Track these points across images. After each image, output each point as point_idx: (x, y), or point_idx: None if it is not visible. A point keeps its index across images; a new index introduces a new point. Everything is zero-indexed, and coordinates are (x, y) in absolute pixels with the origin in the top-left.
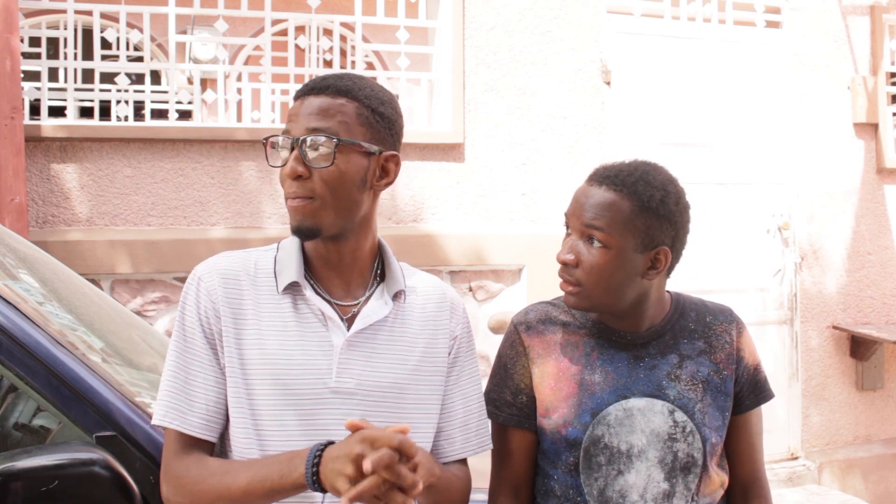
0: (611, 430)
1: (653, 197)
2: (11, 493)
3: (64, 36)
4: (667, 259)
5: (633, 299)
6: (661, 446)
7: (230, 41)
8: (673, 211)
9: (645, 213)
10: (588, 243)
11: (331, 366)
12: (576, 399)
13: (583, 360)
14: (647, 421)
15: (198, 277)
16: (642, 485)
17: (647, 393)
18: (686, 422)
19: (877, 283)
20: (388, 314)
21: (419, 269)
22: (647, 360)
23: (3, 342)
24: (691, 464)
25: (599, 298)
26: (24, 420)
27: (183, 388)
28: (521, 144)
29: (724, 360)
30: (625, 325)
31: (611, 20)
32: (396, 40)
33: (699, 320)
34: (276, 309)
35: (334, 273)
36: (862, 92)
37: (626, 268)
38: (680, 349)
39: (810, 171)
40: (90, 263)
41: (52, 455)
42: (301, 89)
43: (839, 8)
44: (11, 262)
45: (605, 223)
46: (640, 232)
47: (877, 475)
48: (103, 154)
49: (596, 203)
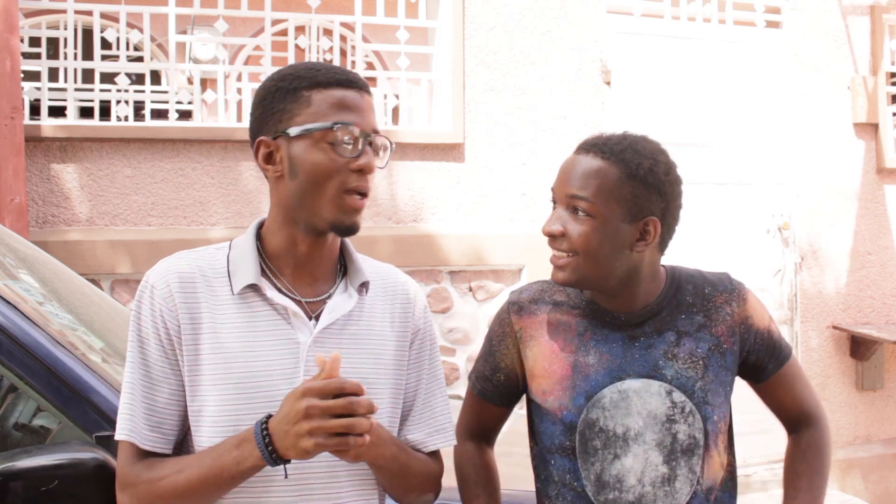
0: (606, 412)
1: (641, 165)
2: (11, 493)
3: (64, 36)
4: (656, 230)
5: (623, 274)
6: (658, 428)
7: (230, 41)
8: (662, 181)
9: (632, 181)
10: (573, 214)
11: (297, 364)
12: (570, 382)
13: (576, 342)
14: (644, 403)
15: (150, 285)
16: (640, 468)
17: (642, 374)
18: (685, 402)
19: (877, 283)
20: (354, 307)
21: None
22: (642, 339)
23: (3, 342)
24: (693, 445)
25: (588, 272)
26: (24, 420)
27: (139, 402)
28: (521, 144)
29: (726, 333)
30: (618, 305)
31: (611, 20)
32: (396, 40)
33: (697, 293)
34: (233, 311)
35: (307, 269)
36: (862, 92)
37: (613, 239)
38: (677, 326)
39: (810, 171)
40: (90, 263)
41: (52, 455)
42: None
43: (839, 8)
44: (11, 262)
45: (590, 192)
46: (627, 201)
47: (877, 475)
48: (103, 154)
49: (582, 171)
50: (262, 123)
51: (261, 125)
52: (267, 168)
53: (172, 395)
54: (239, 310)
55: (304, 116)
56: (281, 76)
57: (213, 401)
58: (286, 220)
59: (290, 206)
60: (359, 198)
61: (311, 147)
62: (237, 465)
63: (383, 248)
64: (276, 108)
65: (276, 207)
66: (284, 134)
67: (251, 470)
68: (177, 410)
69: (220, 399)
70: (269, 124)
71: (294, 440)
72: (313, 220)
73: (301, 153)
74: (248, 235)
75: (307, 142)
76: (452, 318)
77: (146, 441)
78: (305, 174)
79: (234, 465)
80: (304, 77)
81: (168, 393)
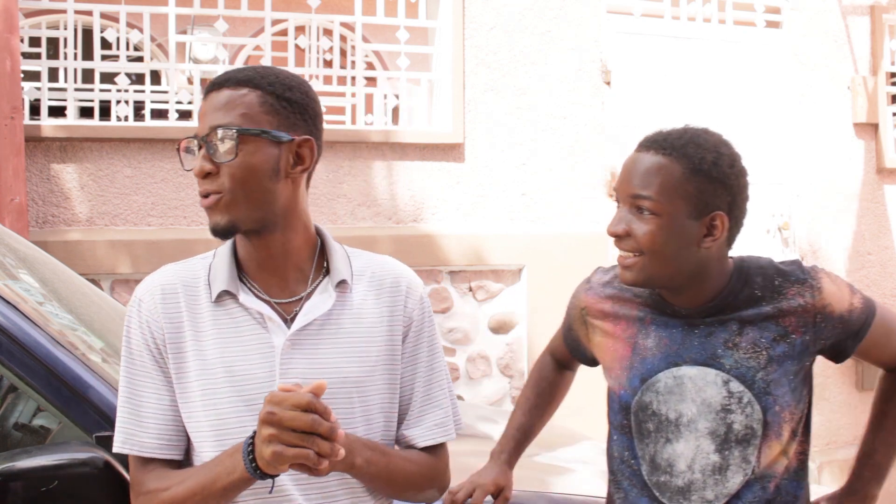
0: (659, 397)
1: (704, 159)
2: (11, 493)
3: (64, 36)
4: (723, 225)
5: (690, 271)
6: (712, 417)
7: (230, 41)
8: (727, 173)
9: (696, 176)
10: (638, 213)
11: (273, 369)
12: (628, 362)
13: (637, 325)
14: (699, 390)
15: (138, 299)
16: (690, 455)
17: (699, 361)
18: (743, 392)
19: (877, 283)
20: (333, 307)
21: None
22: (702, 327)
23: (3, 342)
24: (750, 435)
25: (656, 271)
26: (24, 420)
27: (135, 412)
28: (521, 144)
29: (795, 324)
30: (683, 300)
31: (611, 20)
32: (396, 40)
33: (766, 285)
34: (212, 318)
35: (267, 271)
36: (862, 92)
37: (680, 236)
38: (741, 315)
39: (810, 171)
40: (90, 263)
41: (52, 455)
42: (205, 87)
43: (839, 8)
44: (11, 262)
45: (653, 190)
46: (693, 197)
47: None
48: (103, 154)
49: (644, 169)
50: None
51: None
52: None
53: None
54: (217, 317)
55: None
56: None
57: (201, 410)
58: None
59: None
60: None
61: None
62: (228, 475)
63: (383, 248)
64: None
65: None
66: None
67: (242, 482)
68: (173, 416)
69: (207, 408)
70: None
71: (258, 448)
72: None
73: None
74: (228, 243)
75: None
76: (452, 318)
77: (148, 449)
78: None
79: (225, 476)
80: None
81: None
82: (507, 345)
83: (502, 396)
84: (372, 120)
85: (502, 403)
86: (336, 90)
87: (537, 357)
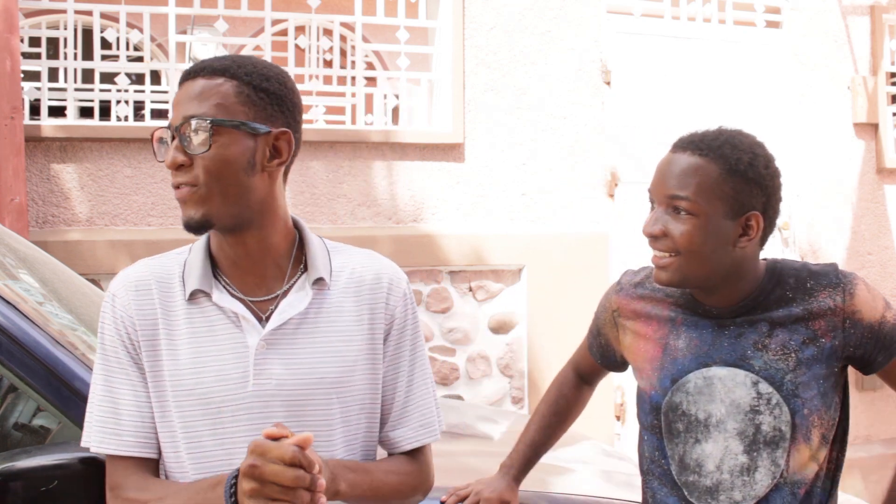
0: (689, 397)
1: (740, 160)
2: (11, 493)
3: (64, 36)
4: (759, 225)
5: (725, 270)
6: (741, 418)
7: (230, 41)
8: (763, 174)
9: (733, 176)
10: (674, 214)
11: (247, 369)
12: (658, 363)
13: (668, 326)
14: (728, 391)
15: (112, 294)
16: (719, 455)
17: (729, 362)
18: (772, 394)
19: (877, 283)
20: (310, 305)
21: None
22: (732, 328)
23: (3, 342)
24: (778, 438)
25: (692, 271)
26: (24, 420)
27: (112, 410)
28: (521, 144)
29: (825, 327)
30: (716, 301)
31: (611, 20)
32: (396, 40)
33: (798, 287)
34: (185, 317)
35: (244, 269)
36: (862, 92)
37: (716, 236)
38: (772, 317)
39: (810, 171)
40: (90, 263)
41: (52, 455)
42: (181, 75)
43: (839, 8)
44: (11, 262)
45: (690, 191)
46: (729, 197)
47: (877, 475)
48: (103, 154)
49: (681, 170)
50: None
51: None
52: None
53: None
54: (191, 316)
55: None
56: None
57: (174, 413)
58: None
59: None
60: (182, 191)
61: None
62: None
63: (383, 248)
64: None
65: None
66: None
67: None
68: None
69: (179, 411)
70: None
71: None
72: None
73: None
74: (203, 238)
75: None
76: (452, 318)
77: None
78: None
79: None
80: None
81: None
82: (507, 345)
83: (502, 396)
84: (372, 120)
85: (502, 403)
86: (336, 90)
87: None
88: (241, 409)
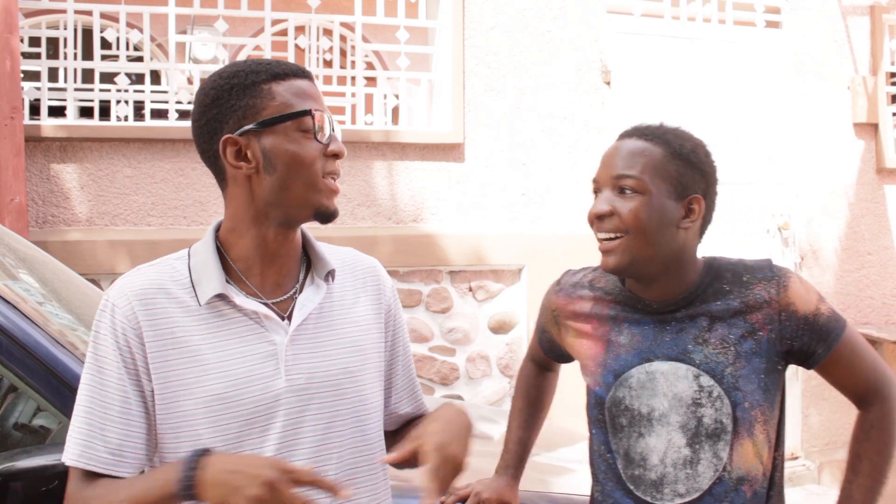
0: (632, 392)
1: (684, 145)
2: (11, 493)
3: (64, 36)
4: (700, 208)
5: (668, 254)
6: (683, 411)
7: (230, 41)
8: (704, 161)
9: (677, 159)
10: (621, 193)
11: (278, 366)
12: (601, 359)
13: (609, 323)
14: (670, 385)
15: (112, 304)
16: (662, 449)
17: (671, 357)
18: (713, 386)
19: (877, 283)
20: (324, 298)
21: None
22: (673, 323)
23: (3, 342)
24: (720, 430)
25: (639, 251)
26: (24, 420)
27: (98, 425)
28: (520, 144)
29: (762, 320)
30: (656, 294)
31: (611, 20)
32: (396, 40)
33: (735, 280)
34: (203, 322)
35: (275, 268)
36: (862, 92)
37: (662, 213)
38: (711, 311)
39: (810, 171)
40: (90, 263)
41: (52, 455)
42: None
43: (839, 8)
44: (11, 262)
45: (637, 170)
46: (673, 178)
47: None
48: (103, 154)
49: (628, 152)
50: (219, 123)
51: (219, 125)
52: (239, 166)
53: (133, 417)
54: (209, 320)
55: (271, 109)
56: (231, 73)
57: (194, 415)
58: (256, 219)
59: (266, 201)
60: (334, 181)
61: (284, 138)
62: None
63: (383, 248)
64: (237, 104)
65: (243, 206)
66: (253, 130)
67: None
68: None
69: (202, 413)
70: (229, 122)
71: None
72: (293, 212)
73: (276, 145)
74: (207, 241)
75: (280, 133)
76: (452, 318)
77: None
78: (284, 165)
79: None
80: (259, 71)
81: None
82: (506, 345)
83: (502, 396)
84: (372, 120)
85: (502, 403)
86: (336, 90)
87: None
88: (272, 408)
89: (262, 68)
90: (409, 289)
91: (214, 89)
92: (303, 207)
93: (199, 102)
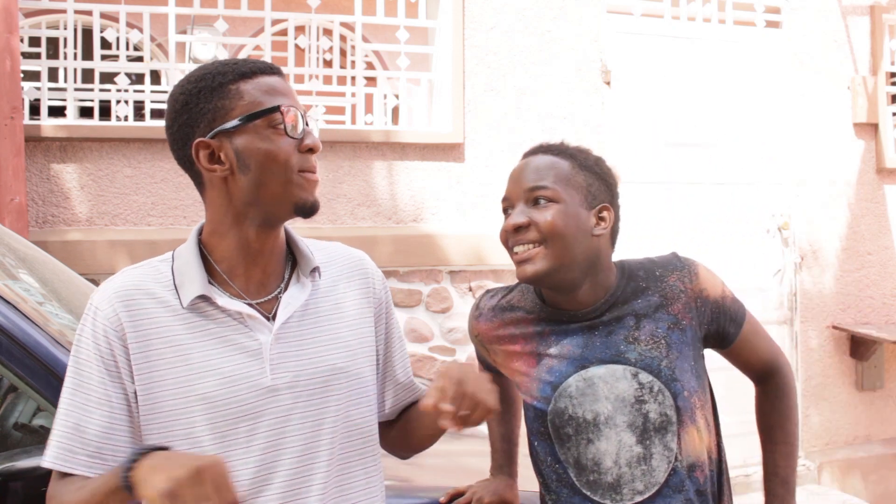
0: (573, 401)
1: (588, 157)
2: (11, 493)
3: (64, 36)
4: (610, 217)
5: (585, 261)
6: (628, 410)
7: (230, 41)
8: (607, 172)
9: (584, 170)
10: (535, 205)
11: (263, 366)
12: (535, 374)
13: (536, 339)
14: (611, 387)
15: (94, 307)
16: (614, 451)
17: (605, 360)
18: (652, 381)
19: (877, 283)
20: (310, 296)
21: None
22: (601, 328)
23: (3, 342)
24: (666, 422)
25: (556, 258)
26: (24, 420)
27: (78, 427)
28: (520, 144)
29: (682, 310)
30: (576, 303)
31: (611, 20)
32: (396, 40)
33: (649, 276)
34: (184, 323)
35: (259, 267)
36: (862, 92)
37: (576, 220)
38: (635, 310)
39: (810, 172)
40: (90, 263)
41: None
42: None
43: (839, 8)
44: (11, 262)
45: (549, 181)
46: (583, 188)
47: (876, 475)
48: (103, 154)
49: (537, 166)
50: (191, 128)
51: (191, 129)
52: (214, 168)
53: (114, 420)
54: (193, 321)
55: (240, 108)
56: (199, 77)
57: (180, 415)
58: (236, 220)
59: (244, 201)
60: (312, 175)
61: (256, 137)
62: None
63: (383, 248)
64: (205, 107)
65: (222, 208)
66: (224, 131)
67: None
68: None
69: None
70: (200, 126)
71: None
72: (272, 209)
73: (248, 144)
74: (191, 244)
75: (251, 132)
76: (452, 318)
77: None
78: (257, 164)
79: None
80: (225, 72)
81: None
82: None
83: None
84: (372, 120)
85: None
86: (336, 90)
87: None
88: (257, 406)
89: (228, 69)
90: (408, 289)
91: (184, 94)
92: (281, 204)
93: (171, 109)
